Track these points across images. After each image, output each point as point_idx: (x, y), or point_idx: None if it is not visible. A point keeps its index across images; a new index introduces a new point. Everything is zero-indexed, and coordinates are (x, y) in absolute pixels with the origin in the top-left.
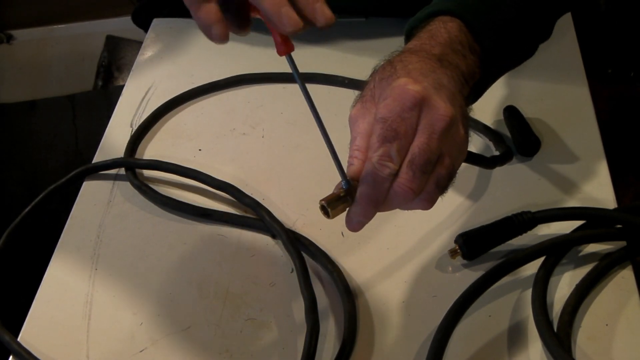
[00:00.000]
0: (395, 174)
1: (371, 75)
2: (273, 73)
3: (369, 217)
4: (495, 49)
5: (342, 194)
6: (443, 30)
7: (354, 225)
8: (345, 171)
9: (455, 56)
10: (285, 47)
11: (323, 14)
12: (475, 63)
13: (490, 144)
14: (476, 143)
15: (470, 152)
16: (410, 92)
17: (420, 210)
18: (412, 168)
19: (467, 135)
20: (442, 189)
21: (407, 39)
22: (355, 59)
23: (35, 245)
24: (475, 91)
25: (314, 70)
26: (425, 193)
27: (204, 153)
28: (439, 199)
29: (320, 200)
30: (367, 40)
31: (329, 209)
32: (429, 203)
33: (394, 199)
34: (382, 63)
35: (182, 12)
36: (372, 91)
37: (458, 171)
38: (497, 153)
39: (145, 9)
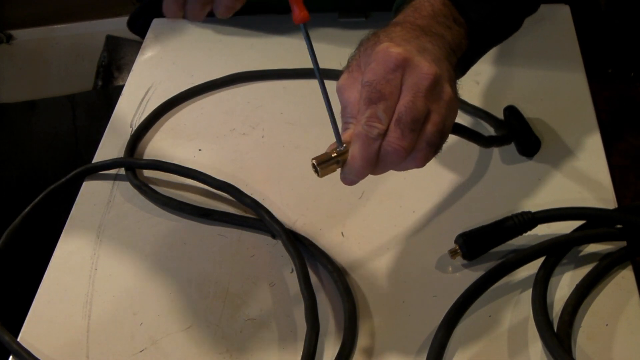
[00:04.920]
0: (384, 134)
1: (357, 48)
2: (270, 70)
3: (361, 177)
4: (481, 21)
5: (333, 155)
6: (427, 4)
7: (348, 182)
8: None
9: (440, 27)
10: (301, 16)
11: None
12: (461, 34)
13: (492, 130)
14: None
15: (467, 128)
16: (392, 54)
17: (420, 210)
18: (400, 126)
19: (455, 95)
20: (433, 146)
21: (394, 16)
22: None
23: (35, 245)
24: (463, 64)
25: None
26: (417, 151)
27: (204, 153)
28: (442, 193)
29: (312, 159)
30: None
31: (319, 168)
32: (421, 161)
33: (387, 159)
34: (368, 35)
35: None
36: (358, 61)
37: (458, 169)
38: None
39: (141, 16)
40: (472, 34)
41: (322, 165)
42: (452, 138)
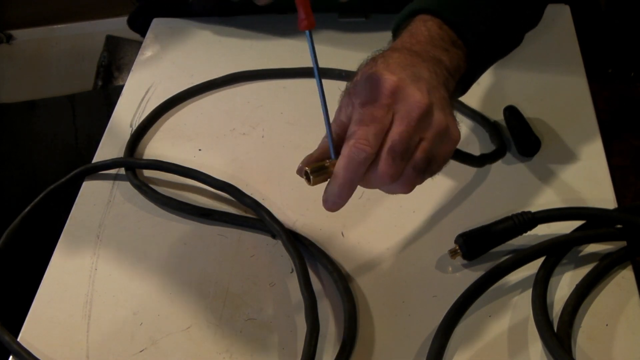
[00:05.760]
0: (372, 159)
1: (356, 72)
2: (270, 70)
3: (343, 198)
4: (479, 42)
5: (326, 164)
6: (423, 28)
7: (330, 205)
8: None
9: (437, 51)
10: (307, 23)
11: None
12: (459, 57)
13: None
14: (478, 135)
15: (458, 150)
16: (386, 81)
17: (420, 210)
18: (391, 154)
19: (449, 123)
20: (419, 172)
21: (394, 37)
22: (355, 55)
23: (35, 245)
24: (463, 83)
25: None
26: (404, 177)
27: (204, 153)
28: (442, 193)
29: (305, 167)
30: (367, 37)
31: (312, 177)
32: (407, 187)
33: (372, 181)
34: (367, 60)
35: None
36: (355, 85)
37: (458, 169)
38: (492, 145)
39: (141, 14)
40: (471, 54)
41: (315, 174)
42: None
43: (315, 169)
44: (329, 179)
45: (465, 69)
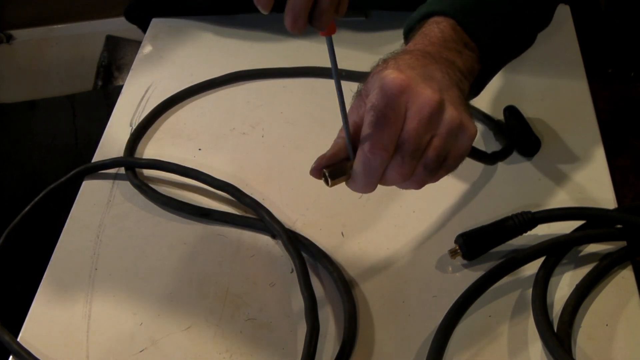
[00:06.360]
0: (388, 162)
1: (368, 74)
2: (270, 69)
3: (365, 193)
4: (492, 43)
5: (344, 166)
6: (437, 30)
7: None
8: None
9: (450, 53)
10: (328, 30)
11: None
12: (472, 58)
13: (491, 133)
14: (483, 134)
15: (472, 147)
16: (395, 80)
17: (420, 210)
18: (401, 154)
19: (463, 120)
20: (430, 171)
21: (406, 40)
22: (355, 55)
23: (35, 245)
24: (476, 84)
25: (313, 64)
26: (415, 176)
27: (204, 153)
28: (442, 193)
29: (324, 169)
30: (366, 36)
31: (330, 180)
32: (417, 185)
33: (385, 180)
34: (379, 61)
35: (175, 10)
36: (366, 86)
37: (459, 169)
38: (497, 143)
39: (138, 6)
40: (483, 56)
41: (333, 176)
42: None
43: (334, 171)
44: (346, 180)
45: (478, 71)
